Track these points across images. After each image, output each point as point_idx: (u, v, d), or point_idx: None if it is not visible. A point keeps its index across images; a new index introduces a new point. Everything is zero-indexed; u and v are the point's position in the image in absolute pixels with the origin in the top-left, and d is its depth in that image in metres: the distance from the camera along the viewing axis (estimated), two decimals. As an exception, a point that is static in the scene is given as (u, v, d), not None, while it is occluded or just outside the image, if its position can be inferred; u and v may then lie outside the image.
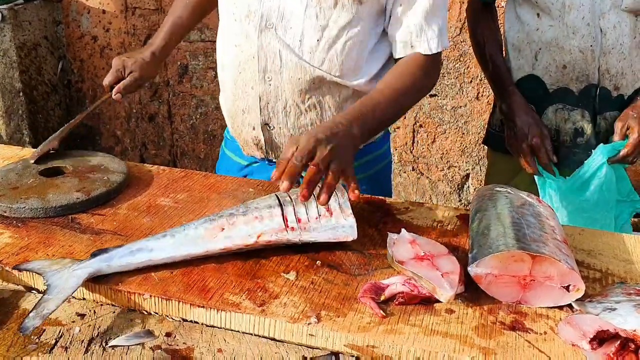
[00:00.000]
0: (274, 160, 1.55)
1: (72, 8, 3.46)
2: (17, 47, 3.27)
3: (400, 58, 1.44)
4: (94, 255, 1.07)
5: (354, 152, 1.21)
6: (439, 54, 1.44)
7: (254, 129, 1.51)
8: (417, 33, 1.40)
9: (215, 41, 1.58)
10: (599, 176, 1.66)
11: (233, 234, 1.12)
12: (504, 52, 1.86)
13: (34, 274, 1.06)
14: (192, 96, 3.44)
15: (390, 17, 1.43)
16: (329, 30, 1.38)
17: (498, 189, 1.23)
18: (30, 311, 0.96)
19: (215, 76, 3.32)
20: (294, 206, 1.15)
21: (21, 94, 3.35)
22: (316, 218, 1.14)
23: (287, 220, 1.13)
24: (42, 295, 1.00)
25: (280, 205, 1.15)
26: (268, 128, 1.49)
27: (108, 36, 3.45)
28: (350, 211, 1.16)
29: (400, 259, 1.08)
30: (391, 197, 1.68)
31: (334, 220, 1.14)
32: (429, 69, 1.45)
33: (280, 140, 1.51)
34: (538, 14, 1.70)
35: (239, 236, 1.12)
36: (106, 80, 1.59)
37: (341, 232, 1.14)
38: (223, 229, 1.12)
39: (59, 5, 3.47)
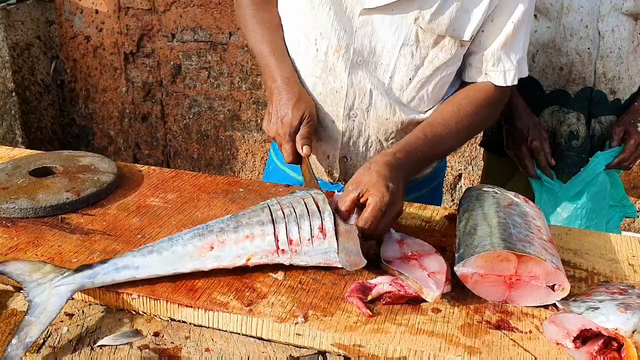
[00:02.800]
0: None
1: (65, 8, 3.46)
2: (10, 47, 3.27)
3: (470, 82, 1.38)
4: (78, 270, 1.03)
5: None
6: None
7: (328, 157, 1.45)
8: (494, 62, 1.32)
9: (208, 41, 1.54)
10: (595, 184, 1.67)
11: (223, 253, 1.07)
12: None
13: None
14: (185, 96, 3.44)
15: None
16: (423, 69, 1.31)
17: (485, 189, 1.24)
18: (13, 337, 0.92)
19: (209, 76, 3.33)
20: (286, 224, 1.09)
21: (14, 94, 3.34)
22: (308, 239, 1.08)
23: (278, 241, 1.08)
24: (24, 315, 0.96)
25: (272, 221, 1.09)
26: (345, 160, 1.44)
27: (101, 36, 3.45)
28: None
29: (387, 259, 1.08)
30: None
31: (327, 244, 1.08)
32: (500, 101, 1.38)
33: (355, 171, 1.40)
34: (536, 15, 1.70)
35: (229, 257, 1.07)
36: (289, 159, 1.32)
37: (333, 256, 1.08)
38: (212, 247, 1.07)
39: (52, 5, 3.47)
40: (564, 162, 1.76)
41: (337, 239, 1.07)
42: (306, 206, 1.11)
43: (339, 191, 1.23)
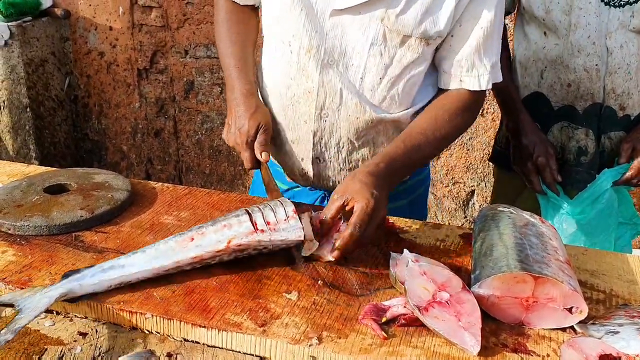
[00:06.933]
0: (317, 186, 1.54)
1: (79, 25, 3.50)
2: (25, 63, 3.31)
3: (445, 89, 1.41)
4: (65, 276, 1.07)
5: None
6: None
7: (302, 160, 1.48)
8: (468, 68, 1.36)
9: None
10: (601, 201, 1.66)
11: (203, 242, 1.13)
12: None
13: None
14: (197, 112, 3.46)
15: (441, 45, 1.37)
16: (392, 68, 1.34)
17: (501, 208, 1.23)
18: (2, 329, 0.95)
19: (221, 92, 3.34)
20: (262, 212, 1.16)
21: (28, 109, 3.37)
22: (285, 220, 1.15)
23: (256, 224, 1.15)
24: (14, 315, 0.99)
25: (249, 213, 1.17)
26: (318, 162, 1.46)
27: (115, 52, 3.48)
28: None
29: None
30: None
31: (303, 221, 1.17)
32: (475, 105, 1.42)
33: (329, 172, 1.48)
34: (545, 32, 1.71)
35: (209, 244, 1.13)
36: (249, 166, 1.38)
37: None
38: (193, 239, 1.13)
39: (67, 22, 3.51)
40: (572, 178, 1.75)
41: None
42: (281, 203, 1.20)
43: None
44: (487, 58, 1.36)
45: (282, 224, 1.15)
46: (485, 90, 1.40)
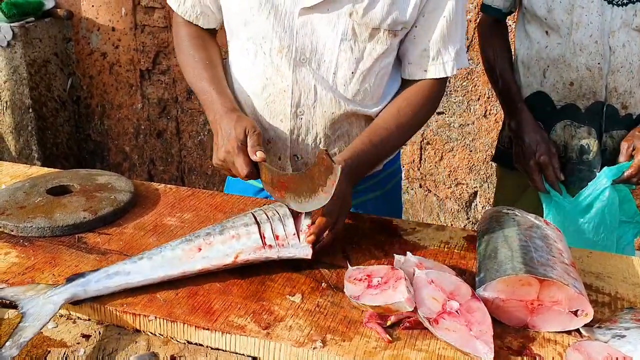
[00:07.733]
0: None
1: (82, 25, 3.50)
2: (28, 64, 3.31)
3: (409, 79, 1.43)
4: (69, 280, 1.05)
5: None
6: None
7: (279, 159, 1.48)
8: (433, 57, 1.39)
9: (223, 59, 1.53)
10: (602, 199, 1.66)
11: (211, 254, 1.12)
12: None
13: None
14: (200, 113, 3.45)
15: (405, 36, 1.40)
16: (363, 62, 1.37)
17: (505, 211, 1.22)
18: (7, 340, 0.93)
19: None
20: (271, 223, 1.15)
21: (30, 110, 3.37)
22: (294, 234, 1.14)
23: (264, 238, 1.13)
24: (17, 323, 0.98)
25: (257, 223, 1.15)
26: (296, 159, 1.47)
27: (117, 53, 3.48)
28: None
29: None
30: (401, 216, 1.69)
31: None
32: (439, 93, 1.45)
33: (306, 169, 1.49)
34: (547, 32, 1.71)
35: (217, 257, 1.11)
36: (245, 172, 1.26)
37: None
38: (200, 249, 1.12)
39: (69, 22, 3.51)
40: (575, 176, 1.75)
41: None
42: (291, 213, 1.17)
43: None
44: (452, 45, 1.39)
45: (291, 240, 1.14)
46: (447, 78, 1.44)
